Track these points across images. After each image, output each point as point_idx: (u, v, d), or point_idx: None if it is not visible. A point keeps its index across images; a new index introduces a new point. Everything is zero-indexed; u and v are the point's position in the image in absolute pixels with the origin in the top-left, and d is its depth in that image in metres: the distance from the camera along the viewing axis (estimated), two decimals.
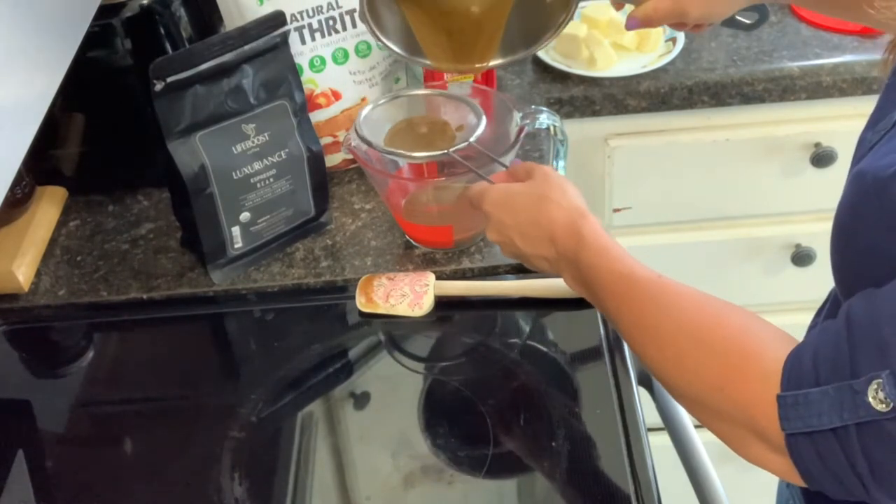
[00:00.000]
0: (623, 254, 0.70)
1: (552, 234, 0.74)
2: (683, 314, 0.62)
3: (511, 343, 0.87)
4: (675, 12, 0.83)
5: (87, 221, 1.05)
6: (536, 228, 0.75)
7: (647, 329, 0.64)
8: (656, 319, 0.64)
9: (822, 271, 1.31)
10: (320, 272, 0.94)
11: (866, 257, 0.55)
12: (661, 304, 0.64)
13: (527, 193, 0.77)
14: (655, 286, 0.65)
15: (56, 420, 0.86)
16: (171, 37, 0.99)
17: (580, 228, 0.72)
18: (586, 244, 0.71)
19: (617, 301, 0.68)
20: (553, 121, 0.89)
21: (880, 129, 0.60)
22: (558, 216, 0.74)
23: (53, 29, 0.71)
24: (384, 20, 0.86)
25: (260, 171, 0.90)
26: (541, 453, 0.77)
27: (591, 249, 0.70)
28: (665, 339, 0.63)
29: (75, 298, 0.95)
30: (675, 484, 0.83)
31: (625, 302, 0.67)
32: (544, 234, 0.74)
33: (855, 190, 0.57)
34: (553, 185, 0.76)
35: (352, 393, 0.85)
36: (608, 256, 0.69)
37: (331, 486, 0.77)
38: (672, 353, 0.62)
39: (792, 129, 1.20)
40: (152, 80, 0.82)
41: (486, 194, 0.79)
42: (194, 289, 0.94)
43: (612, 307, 0.69)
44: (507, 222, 0.77)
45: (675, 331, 0.62)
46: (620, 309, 0.67)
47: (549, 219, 0.74)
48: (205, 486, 0.76)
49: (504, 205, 0.78)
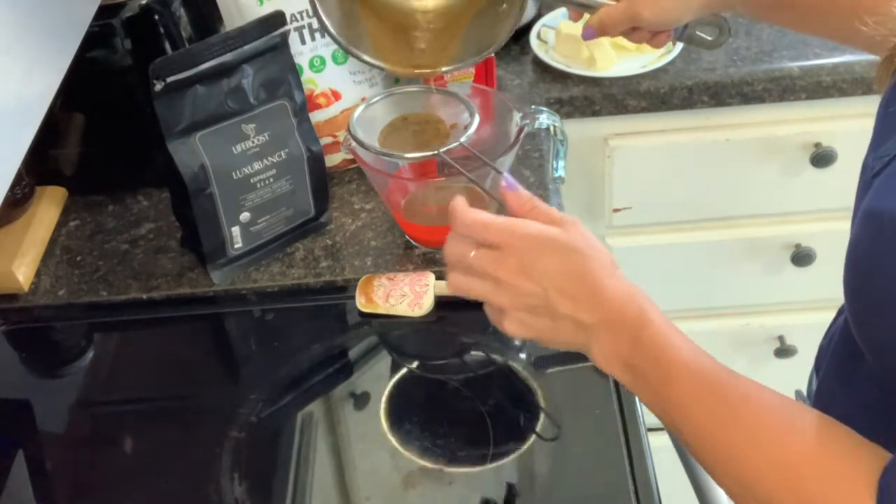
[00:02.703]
0: (699, 350, 0.60)
1: (597, 295, 0.62)
2: (775, 448, 0.55)
3: (511, 343, 0.87)
4: (628, 16, 0.80)
5: (87, 221, 1.05)
6: (579, 285, 0.62)
7: (727, 457, 0.56)
8: (742, 448, 0.56)
9: (822, 271, 1.32)
10: (320, 272, 0.94)
11: (889, 299, 0.51)
12: (748, 429, 0.56)
13: (568, 242, 0.63)
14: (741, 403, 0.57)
15: (56, 420, 0.86)
16: (171, 37, 0.99)
17: (642, 303, 0.61)
18: (652, 323, 0.60)
19: (688, 407, 0.58)
20: (553, 121, 0.89)
21: (882, 154, 0.58)
22: (609, 280, 0.62)
23: (53, 29, 0.71)
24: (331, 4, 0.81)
25: (260, 171, 0.90)
26: (540, 453, 0.77)
27: (658, 334, 0.60)
28: (749, 474, 0.55)
29: (75, 298, 0.95)
30: (675, 484, 0.83)
31: (701, 413, 0.58)
32: (587, 292, 0.62)
33: (871, 231, 0.53)
34: (596, 247, 0.64)
35: (352, 393, 0.85)
36: (680, 347, 0.60)
37: (331, 486, 0.77)
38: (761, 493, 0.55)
39: (792, 129, 1.20)
40: (152, 80, 0.82)
41: (513, 231, 0.65)
42: (194, 289, 0.94)
43: (675, 410, 0.59)
44: (542, 268, 0.63)
45: (765, 467, 0.54)
46: (692, 417, 0.58)
47: (597, 279, 0.62)
48: (205, 486, 0.76)
49: (540, 246, 0.64)
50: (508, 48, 1.25)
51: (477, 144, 0.86)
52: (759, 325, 1.39)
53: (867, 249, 0.53)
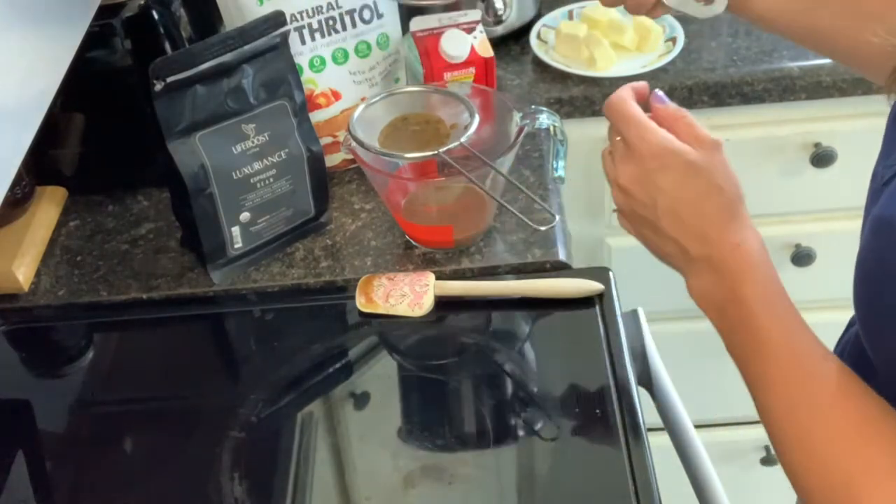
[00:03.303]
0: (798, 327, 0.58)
1: (709, 232, 0.61)
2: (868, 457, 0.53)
3: (511, 343, 0.87)
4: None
5: (87, 221, 1.05)
6: (693, 213, 0.61)
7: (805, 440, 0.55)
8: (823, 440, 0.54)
9: (821, 271, 1.32)
10: (320, 272, 0.94)
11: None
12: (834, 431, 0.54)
13: (698, 166, 0.61)
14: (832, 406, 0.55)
15: (56, 420, 0.86)
16: (171, 37, 0.99)
17: (752, 256, 0.59)
18: (755, 282, 0.58)
19: (773, 391, 0.57)
20: (553, 121, 0.89)
21: (891, 163, 0.57)
22: (727, 221, 0.61)
23: (53, 29, 0.71)
24: None
25: (260, 171, 0.90)
26: (541, 453, 0.77)
27: (759, 297, 0.58)
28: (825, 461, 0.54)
29: (75, 298, 0.95)
30: (675, 484, 0.83)
31: (786, 392, 0.56)
32: (698, 223, 0.61)
33: (881, 240, 0.52)
34: (730, 180, 0.63)
35: (352, 393, 0.85)
36: (779, 318, 0.58)
37: (331, 486, 0.77)
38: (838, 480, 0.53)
39: (792, 129, 1.20)
40: (152, 80, 0.82)
41: (645, 136, 0.63)
42: (194, 289, 0.94)
43: (760, 385, 0.58)
44: (660, 184, 0.62)
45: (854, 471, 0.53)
46: (776, 403, 0.57)
47: (713, 213, 0.61)
48: (205, 486, 0.76)
49: (665, 161, 0.62)
50: (508, 48, 1.25)
51: (477, 144, 0.86)
52: None
53: (877, 258, 0.53)
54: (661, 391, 0.86)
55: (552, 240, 0.93)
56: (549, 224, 0.87)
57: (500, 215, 0.96)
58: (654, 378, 0.86)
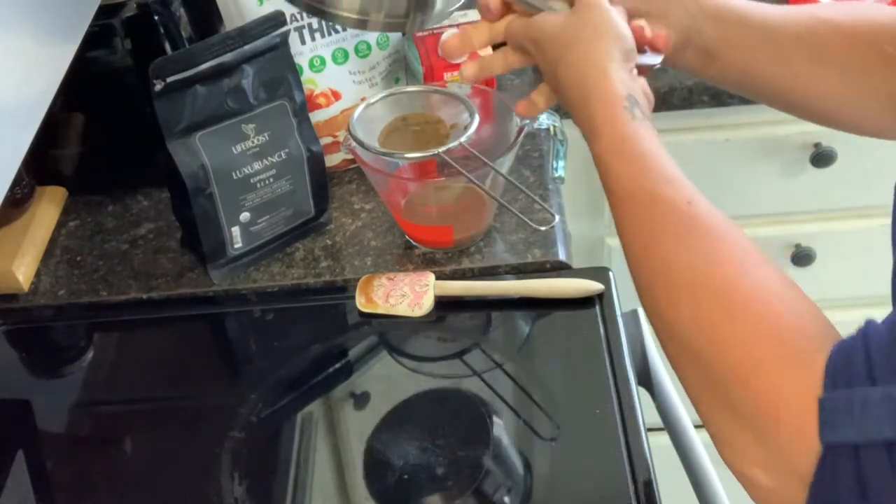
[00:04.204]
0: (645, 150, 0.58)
1: (567, 92, 0.65)
2: (716, 266, 0.51)
3: (511, 343, 0.87)
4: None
5: (87, 221, 1.05)
6: (556, 79, 0.66)
7: (662, 269, 0.53)
8: (677, 260, 0.52)
9: (822, 271, 1.32)
10: (320, 272, 0.94)
11: None
12: (688, 244, 0.53)
13: (554, 32, 0.67)
14: (685, 216, 0.54)
15: (56, 420, 0.86)
16: (171, 37, 0.99)
17: (590, 104, 0.61)
18: (597, 132, 0.60)
19: (626, 218, 0.57)
20: (553, 121, 0.89)
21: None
22: (573, 73, 0.64)
23: (53, 29, 0.71)
24: None
25: (260, 171, 0.90)
26: (540, 453, 0.77)
27: (603, 140, 0.60)
28: (682, 288, 0.51)
29: (75, 298, 0.95)
30: (675, 484, 0.83)
31: (638, 223, 0.56)
32: (562, 87, 0.65)
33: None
34: (587, 24, 0.65)
35: (352, 393, 0.85)
36: (622, 154, 0.58)
37: (331, 486, 0.77)
38: (688, 311, 0.50)
39: (792, 129, 1.20)
40: (152, 80, 0.82)
41: (527, 29, 0.69)
42: (194, 289, 0.94)
43: (619, 222, 0.58)
44: (541, 64, 0.69)
45: (700, 283, 0.51)
46: (627, 228, 0.57)
47: (566, 72, 0.65)
48: (205, 486, 0.76)
49: (536, 45, 0.68)
50: None
51: (477, 144, 0.86)
52: None
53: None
54: (661, 391, 0.86)
55: (552, 240, 0.93)
56: (549, 224, 0.86)
57: (500, 215, 0.96)
58: (654, 378, 0.86)
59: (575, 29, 0.65)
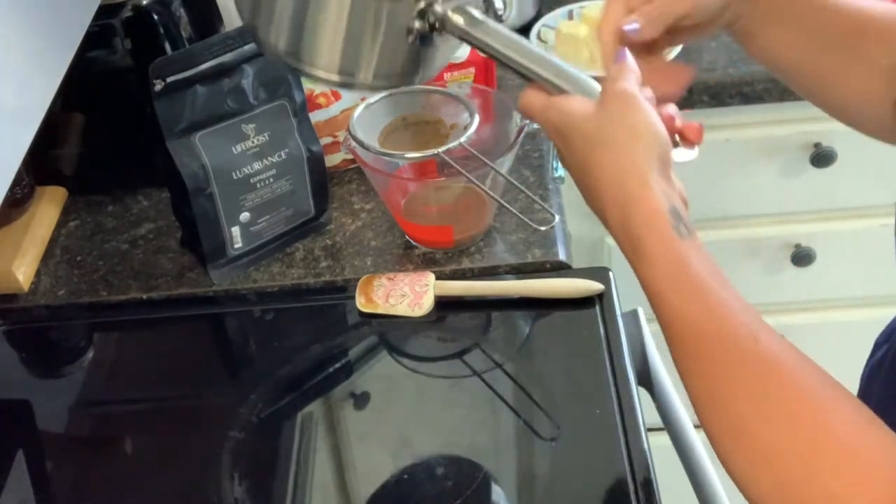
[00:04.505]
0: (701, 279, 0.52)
1: (601, 202, 0.57)
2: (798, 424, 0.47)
3: (511, 343, 0.87)
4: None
5: (87, 221, 1.05)
6: (587, 178, 0.58)
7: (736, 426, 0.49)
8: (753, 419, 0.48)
9: (821, 271, 1.32)
10: (320, 272, 0.94)
11: None
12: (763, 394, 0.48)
13: (582, 126, 0.58)
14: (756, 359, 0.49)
15: (56, 420, 0.86)
16: (171, 37, 0.99)
17: (630, 218, 0.54)
18: (644, 254, 0.54)
19: (688, 359, 0.52)
20: None
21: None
22: (607, 178, 0.56)
23: (53, 29, 0.71)
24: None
25: (260, 171, 0.90)
26: (540, 453, 0.77)
27: (653, 264, 0.53)
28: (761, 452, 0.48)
29: (75, 298, 0.95)
30: (675, 484, 0.83)
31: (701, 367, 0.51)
32: (594, 191, 0.58)
33: None
34: (621, 123, 0.56)
35: (352, 393, 0.85)
36: (678, 284, 0.52)
37: (331, 486, 0.77)
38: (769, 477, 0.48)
39: (792, 129, 1.20)
40: (152, 80, 0.82)
41: (547, 111, 0.60)
42: (194, 289, 0.94)
43: (679, 360, 0.53)
44: (563, 154, 0.61)
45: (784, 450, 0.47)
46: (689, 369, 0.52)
47: (599, 175, 0.57)
48: (205, 486, 0.76)
49: (559, 134, 0.60)
50: None
51: (477, 144, 0.86)
52: None
53: None
54: (661, 391, 0.86)
55: (552, 240, 0.93)
56: (549, 224, 0.87)
57: (500, 215, 0.96)
58: (654, 378, 0.86)
59: (609, 126, 0.57)
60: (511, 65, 0.62)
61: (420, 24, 0.60)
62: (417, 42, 0.61)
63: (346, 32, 0.61)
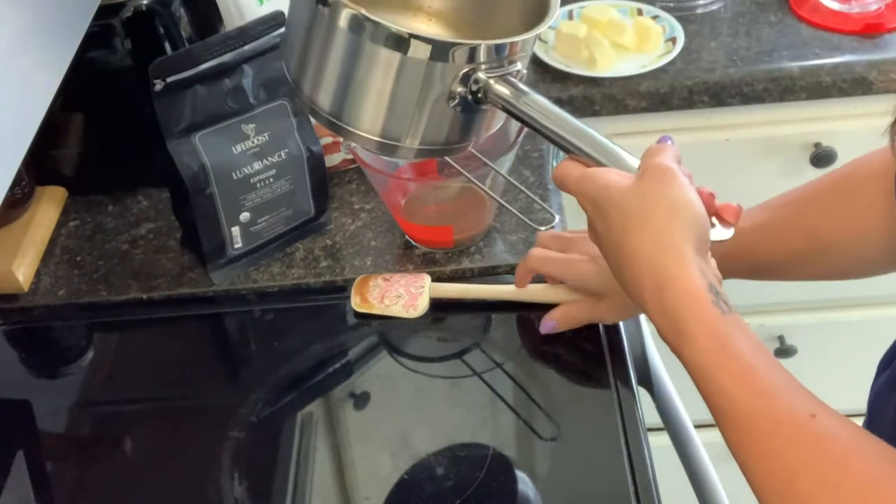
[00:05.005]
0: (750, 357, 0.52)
1: (637, 278, 0.56)
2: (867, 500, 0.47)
3: (511, 343, 0.87)
4: (592, 317, 0.80)
5: (87, 221, 1.05)
6: (621, 252, 0.57)
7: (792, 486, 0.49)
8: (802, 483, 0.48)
9: None
10: (320, 272, 0.94)
11: None
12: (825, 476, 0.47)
13: (620, 199, 0.57)
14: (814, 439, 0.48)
15: (56, 420, 0.86)
16: (171, 37, 0.99)
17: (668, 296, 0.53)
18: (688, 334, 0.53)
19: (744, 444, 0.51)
20: None
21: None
22: (644, 254, 0.55)
23: (53, 29, 0.71)
24: None
25: (260, 171, 0.90)
26: (540, 453, 0.77)
27: (699, 345, 0.52)
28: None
29: (75, 298, 0.95)
30: (675, 484, 0.83)
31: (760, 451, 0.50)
32: (629, 266, 0.57)
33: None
34: (661, 198, 0.56)
35: (351, 393, 0.85)
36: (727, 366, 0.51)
37: (331, 486, 0.77)
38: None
39: (792, 129, 1.20)
40: (152, 80, 0.82)
41: (582, 182, 0.59)
42: (194, 289, 0.94)
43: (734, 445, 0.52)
44: (597, 227, 0.60)
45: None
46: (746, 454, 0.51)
47: (636, 249, 0.56)
48: (205, 486, 0.76)
49: (595, 206, 0.59)
50: None
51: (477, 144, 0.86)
52: (758, 325, 1.39)
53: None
54: (661, 391, 0.86)
55: None
56: (549, 224, 0.86)
57: (500, 215, 0.96)
58: (654, 378, 0.86)
59: (648, 200, 0.56)
60: (551, 136, 0.62)
61: (463, 90, 0.60)
62: (459, 109, 0.61)
63: (390, 96, 0.61)
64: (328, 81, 0.62)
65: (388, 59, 0.58)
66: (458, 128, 0.64)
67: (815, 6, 1.23)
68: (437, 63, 0.59)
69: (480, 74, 0.60)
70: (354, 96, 0.61)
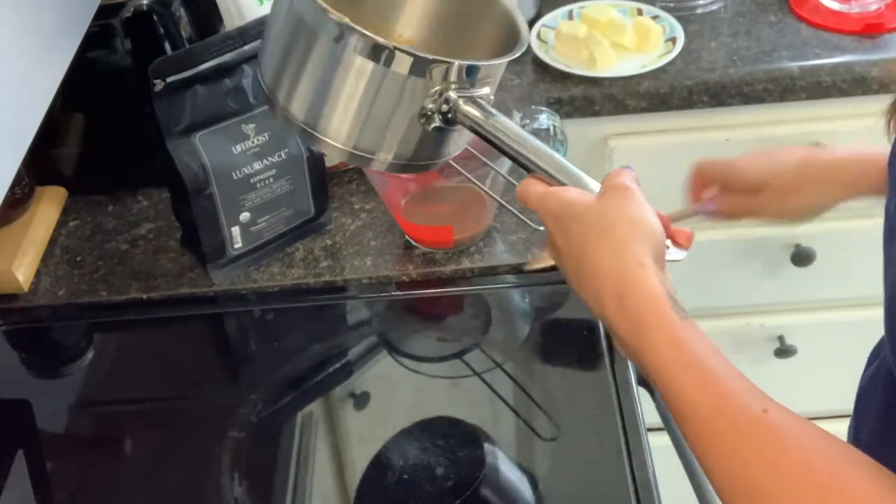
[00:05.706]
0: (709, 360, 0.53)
1: (598, 287, 0.57)
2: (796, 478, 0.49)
3: (511, 343, 0.87)
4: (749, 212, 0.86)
5: (86, 221, 1.05)
6: (582, 266, 0.59)
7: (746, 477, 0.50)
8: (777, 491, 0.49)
9: (821, 271, 1.31)
10: (320, 272, 0.94)
11: None
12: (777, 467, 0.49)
13: (582, 214, 0.59)
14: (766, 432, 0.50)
15: (56, 420, 0.86)
16: (171, 37, 0.99)
17: (628, 303, 0.55)
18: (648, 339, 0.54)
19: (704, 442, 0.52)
20: (553, 121, 0.89)
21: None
22: (605, 266, 0.57)
23: (53, 29, 0.71)
24: None
25: (260, 171, 0.90)
26: (540, 453, 0.77)
27: (659, 349, 0.54)
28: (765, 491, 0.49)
29: (75, 298, 0.95)
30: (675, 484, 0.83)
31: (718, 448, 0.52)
32: (590, 279, 0.58)
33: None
34: (620, 213, 0.58)
35: (352, 393, 0.85)
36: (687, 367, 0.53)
37: (331, 486, 0.77)
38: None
39: (792, 129, 1.20)
40: (152, 80, 0.82)
41: (545, 198, 0.63)
42: (194, 289, 0.94)
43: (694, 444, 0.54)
44: (558, 241, 0.62)
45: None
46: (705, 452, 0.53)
47: (597, 261, 0.57)
48: (205, 486, 0.76)
49: (557, 221, 0.61)
50: None
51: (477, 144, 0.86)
52: (758, 325, 1.39)
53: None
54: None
55: None
56: None
57: (500, 215, 0.96)
58: None
59: (608, 217, 0.58)
60: (516, 157, 0.65)
61: (433, 107, 0.62)
62: (429, 126, 0.63)
63: (368, 107, 0.62)
64: (304, 90, 0.63)
65: (369, 70, 0.60)
66: (427, 144, 0.65)
67: (815, 6, 1.23)
68: (414, 78, 0.60)
69: (451, 94, 0.62)
70: (330, 106, 0.62)
